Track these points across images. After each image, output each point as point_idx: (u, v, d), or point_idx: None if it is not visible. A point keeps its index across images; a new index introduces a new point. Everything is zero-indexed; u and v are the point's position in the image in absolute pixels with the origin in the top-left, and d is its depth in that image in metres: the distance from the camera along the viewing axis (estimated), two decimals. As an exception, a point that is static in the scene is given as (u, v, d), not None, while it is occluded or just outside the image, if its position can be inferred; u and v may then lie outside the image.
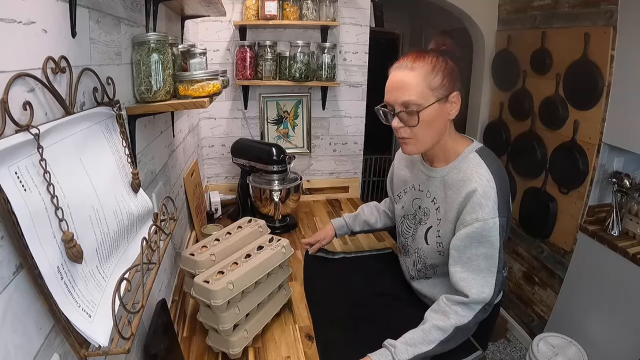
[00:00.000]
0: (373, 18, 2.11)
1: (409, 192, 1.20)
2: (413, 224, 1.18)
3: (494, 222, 0.94)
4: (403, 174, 1.24)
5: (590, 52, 1.88)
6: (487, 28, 2.59)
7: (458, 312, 0.98)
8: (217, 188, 2.09)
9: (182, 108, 0.94)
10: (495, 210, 0.94)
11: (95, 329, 0.52)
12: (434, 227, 1.09)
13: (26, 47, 0.50)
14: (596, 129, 1.88)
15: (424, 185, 1.13)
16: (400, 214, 1.24)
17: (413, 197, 1.18)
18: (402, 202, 1.23)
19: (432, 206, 1.10)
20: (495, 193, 0.95)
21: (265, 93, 2.07)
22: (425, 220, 1.12)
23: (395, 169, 1.29)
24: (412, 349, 0.96)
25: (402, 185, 1.24)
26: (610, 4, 1.78)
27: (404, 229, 1.23)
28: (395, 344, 0.98)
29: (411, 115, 0.97)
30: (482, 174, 0.97)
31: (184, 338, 1.13)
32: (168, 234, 0.83)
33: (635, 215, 1.79)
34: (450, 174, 1.05)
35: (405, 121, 0.99)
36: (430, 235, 1.10)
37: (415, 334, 0.98)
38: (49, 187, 0.48)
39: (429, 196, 1.11)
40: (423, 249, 1.13)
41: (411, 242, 1.20)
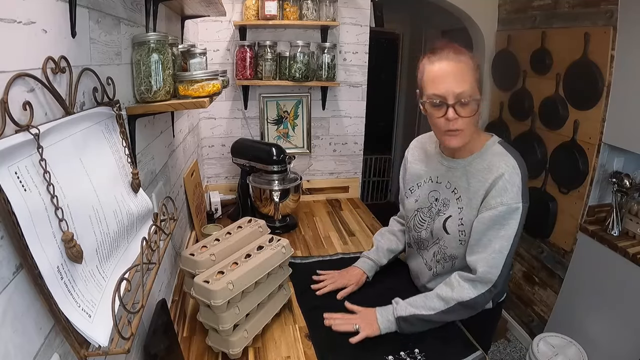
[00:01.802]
0: (373, 18, 2.11)
1: (424, 185, 1.21)
2: (428, 216, 1.19)
3: (516, 207, 1.00)
4: (417, 168, 1.25)
5: (590, 52, 1.88)
6: (487, 28, 2.59)
7: (464, 288, 1.04)
8: (217, 188, 2.08)
9: (182, 108, 0.94)
10: (519, 196, 1.00)
11: (95, 329, 0.52)
12: (455, 216, 1.10)
13: (26, 47, 0.50)
14: (596, 129, 1.88)
15: (443, 177, 1.15)
16: (413, 207, 1.24)
17: (429, 189, 1.19)
18: (415, 196, 1.24)
19: (452, 196, 1.12)
20: (520, 180, 1.01)
21: (265, 93, 2.07)
22: (444, 211, 1.13)
23: (408, 164, 1.29)
24: (412, 309, 1.07)
25: (416, 179, 1.24)
26: (610, 4, 1.78)
27: (417, 223, 1.23)
28: (399, 301, 1.10)
29: (464, 106, 0.98)
30: (507, 161, 1.03)
31: (184, 338, 1.13)
32: (168, 234, 0.83)
33: (635, 215, 1.79)
34: (473, 164, 1.08)
35: (459, 112, 0.98)
36: (450, 224, 1.11)
37: (419, 298, 1.09)
38: (49, 187, 0.48)
39: (449, 187, 1.13)
40: (444, 238, 1.13)
41: (425, 235, 1.20)
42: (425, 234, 1.20)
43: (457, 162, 1.12)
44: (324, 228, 1.87)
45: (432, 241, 1.19)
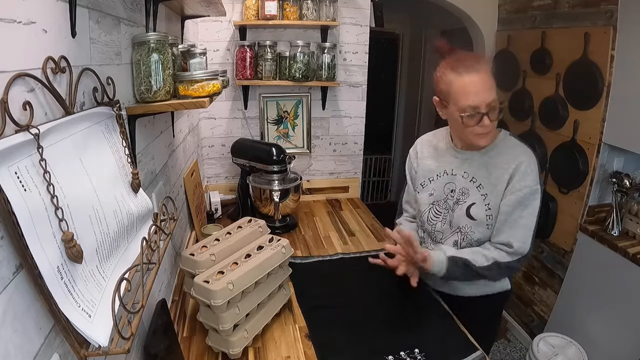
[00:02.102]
0: (373, 18, 2.11)
1: (438, 179, 1.26)
2: (444, 208, 1.24)
3: (537, 189, 1.12)
4: (427, 164, 1.29)
5: (590, 52, 1.88)
6: (487, 28, 2.59)
7: (500, 251, 1.15)
8: (217, 188, 2.08)
9: (182, 108, 0.94)
10: (537, 180, 1.13)
11: (95, 329, 0.52)
12: (479, 202, 1.17)
13: (26, 47, 0.50)
14: (596, 129, 1.88)
15: (458, 168, 1.21)
16: (427, 201, 1.28)
17: (445, 182, 1.24)
18: (428, 190, 1.28)
19: (471, 185, 1.18)
20: (536, 165, 1.14)
21: (265, 93, 2.07)
22: (464, 200, 1.19)
23: (419, 161, 1.33)
24: (458, 252, 1.15)
25: (427, 174, 1.28)
26: (610, 4, 1.78)
27: (432, 216, 1.27)
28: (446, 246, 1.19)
29: (494, 111, 1.08)
30: (524, 150, 1.16)
31: (184, 338, 1.13)
32: (168, 234, 0.83)
33: (635, 215, 1.79)
34: (490, 154, 1.17)
35: (491, 118, 1.08)
36: (475, 211, 1.17)
37: (465, 249, 1.18)
38: (49, 187, 0.48)
39: (467, 177, 1.19)
40: (468, 225, 1.19)
41: (441, 227, 1.25)
42: (441, 226, 1.25)
43: (473, 154, 1.19)
44: (324, 228, 1.87)
45: (449, 231, 1.23)
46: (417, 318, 1.21)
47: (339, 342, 1.11)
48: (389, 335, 1.13)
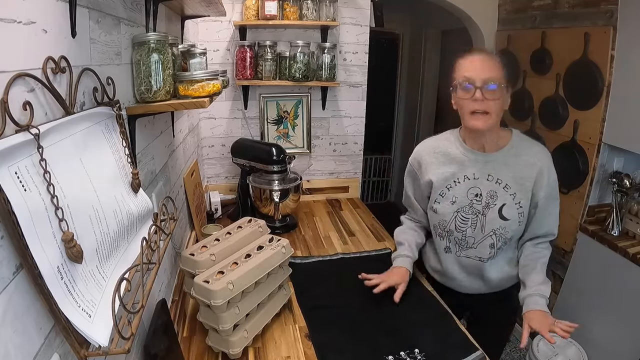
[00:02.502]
0: (373, 18, 2.11)
1: (459, 185, 1.24)
2: (471, 213, 1.23)
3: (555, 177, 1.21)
4: (443, 172, 1.26)
5: (590, 52, 1.88)
6: (487, 28, 2.58)
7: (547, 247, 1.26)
8: (217, 188, 2.08)
9: (182, 108, 0.94)
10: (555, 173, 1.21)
11: (95, 329, 0.52)
12: (509, 203, 1.19)
13: (26, 47, 0.50)
14: (596, 129, 1.88)
15: (481, 171, 1.21)
16: (450, 210, 1.25)
17: (467, 187, 1.23)
18: (449, 198, 1.25)
19: (497, 187, 1.20)
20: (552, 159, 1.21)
21: (265, 93, 2.07)
22: (494, 202, 1.20)
23: (428, 170, 1.30)
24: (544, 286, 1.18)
25: (445, 182, 1.26)
26: (610, 4, 1.78)
27: (459, 223, 1.25)
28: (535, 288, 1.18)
29: (491, 91, 1.11)
30: (541, 148, 1.23)
31: (184, 338, 1.13)
32: (168, 234, 0.83)
33: (635, 215, 1.79)
34: (511, 154, 1.20)
35: (486, 95, 1.11)
36: (507, 211, 1.19)
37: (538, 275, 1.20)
38: (49, 187, 0.48)
39: (492, 179, 1.20)
40: (502, 226, 1.21)
41: (472, 232, 1.24)
42: (471, 231, 1.24)
43: (493, 155, 1.21)
44: (324, 228, 1.87)
45: (481, 236, 1.24)
46: (418, 318, 1.21)
47: (339, 342, 1.11)
48: (389, 335, 1.13)
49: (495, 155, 1.21)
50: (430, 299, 1.31)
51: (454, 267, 1.32)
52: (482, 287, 1.32)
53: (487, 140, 1.21)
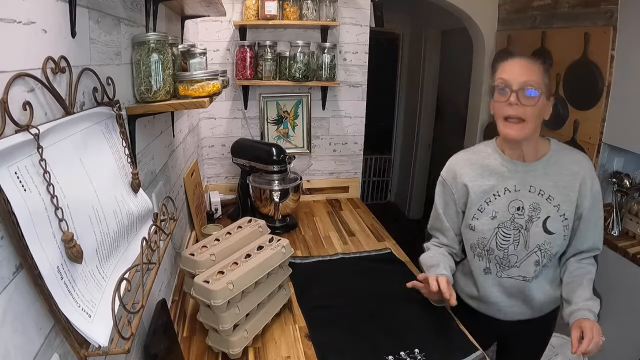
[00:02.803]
0: (373, 18, 2.11)
1: (498, 199, 1.15)
2: (513, 228, 1.13)
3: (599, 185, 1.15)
4: (481, 184, 1.17)
5: (590, 52, 1.88)
6: (487, 28, 2.59)
7: (593, 263, 1.18)
8: (217, 188, 2.08)
9: (182, 108, 0.94)
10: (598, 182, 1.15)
11: (95, 329, 0.52)
12: (554, 215, 1.11)
13: (26, 47, 0.50)
14: (596, 129, 1.88)
15: (522, 183, 1.13)
16: (491, 226, 1.15)
17: (508, 200, 1.14)
18: (489, 213, 1.16)
19: (540, 199, 1.12)
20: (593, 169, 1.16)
21: (265, 93, 2.07)
22: (537, 215, 1.12)
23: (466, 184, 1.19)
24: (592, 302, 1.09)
25: (483, 196, 1.16)
26: (610, 4, 1.78)
27: (500, 240, 1.15)
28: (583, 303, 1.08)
29: (528, 97, 1.04)
30: (582, 155, 1.17)
31: (184, 338, 1.13)
32: (168, 234, 0.83)
33: (635, 215, 1.79)
34: (551, 163, 1.14)
35: (522, 100, 1.04)
36: (552, 224, 1.12)
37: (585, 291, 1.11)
38: (48, 187, 0.48)
39: (534, 190, 1.13)
40: (547, 241, 1.13)
41: (515, 249, 1.14)
42: (514, 249, 1.14)
43: (534, 165, 1.13)
44: (324, 228, 1.87)
45: (525, 253, 1.14)
46: (417, 318, 1.21)
47: (339, 342, 1.11)
48: (389, 335, 1.13)
49: (536, 165, 1.13)
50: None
51: (493, 289, 1.20)
52: (525, 310, 1.21)
53: (525, 150, 1.13)
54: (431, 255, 1.26)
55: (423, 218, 4.22)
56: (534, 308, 1.21)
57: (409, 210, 4.28)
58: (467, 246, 1.23)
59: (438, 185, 1.28)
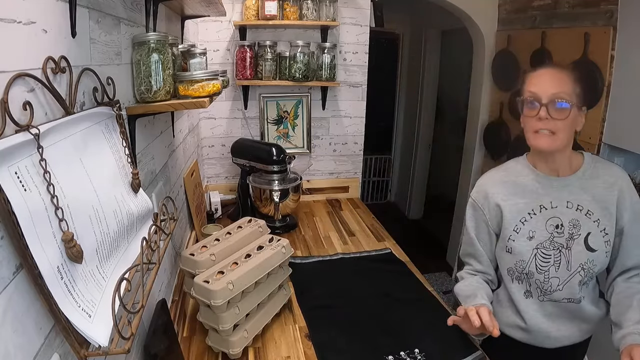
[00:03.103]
0: (373, 18, 2.11)
1: (534, 218, 1.08)
2: (553, 248, 1.06)
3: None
4: (515, 203, 1.10)
5: (590, 52, 1.88)
6: (487, 28, 2.59)
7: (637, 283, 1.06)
8: (217, 188, 2.08)
9: (182, 108, 0.94)
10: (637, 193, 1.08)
11: (95, 329, 0.52)
12: (594, 231, 1.04)
13: (26, 47, 0.50)
14: (596, 129, 1.88)
15: (559, 199, 1.06)
16: (529, 247, 1.07)
17: (545, 218, 1.07)
18: (525, 234, 1.08)
19: (579, 214, 1.05)
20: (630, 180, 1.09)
21: (265, 93, 2.07)
22: (578, 232, 1.05)
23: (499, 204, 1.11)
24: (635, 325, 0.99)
25: (518, 215, 1.09)
26: (610, 4, 1.78)
27: (540, 262, 1.07)
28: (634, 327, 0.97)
29: (558, 110, 0.99)
30: (617, 167, 1.11)
31: (184, 338, 1.13)
32: (168, 234, 0.83)
33: (635, 215, 1.79)
34: (587, 176, 1.07)
35: (552, 113, 0.99)
36: (594, 241, 1.04)
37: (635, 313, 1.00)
38: (49, 187, 0.48)
39: (571, 206, 1.06)
40: (590, 259, 1.04)
41: (558, 271, 1.06)
42: (555, 271, 1.06)
43: (569, 179, 1.07)
44: (324, 228, 1.87)
45: (567, 274, 1.05)
46: (417, 318, 1.21)
47: (339, 342, 1.11)
48: (389, 335, 1.13)
49: (571, 179, 1.07)
50: (430, 299, 1.31)
51: (536, 315, 1.10)
52: (575, 333, 1.12)
53: (559, 163, 1.07)
54: (466, 285, 1.16)
55: (423, 218, 4.22)
56: (582, 329, 1.12)
57: (409, 210, 4.28)
58: (504, 271, 1.14)
59: (468, 207, 1.19)
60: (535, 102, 1.00)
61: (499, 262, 1.15)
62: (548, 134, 1.00)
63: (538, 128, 1.01)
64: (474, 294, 1.10)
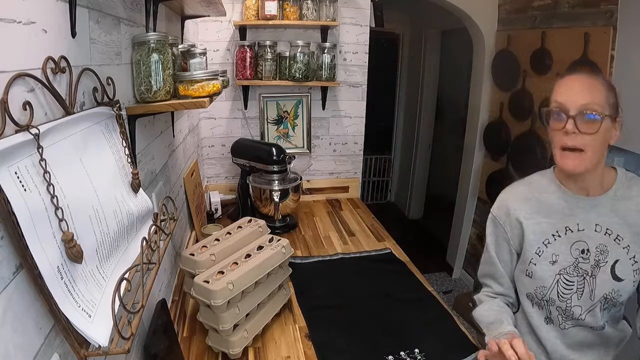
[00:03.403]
0: (373, 18, 2.11)
1: (560, 240, 0.98)
2: (577, 275, 0.97)
3: None
4: (537, 223, 1.00)
5: (590, 52, 1.88)
6: (487, 28, 2.58)
7: None
8: (217, 188, 2.09)
9: (182, 108, 0.94)
10: None
11: (95, 329, 0.52)
12: (623, 258, 0.94)
13: (26, 47, 0.50)
14: (596, 129, 1.88)
15: (586, 220, 0.97)
16: (551, 272, 0.98)
17: (570, 242, 0.97)
18: (548, 258, 0.99)
19: (607, 239, 0.95)
20: None
21: (265, 93, 2.07)
22: (605, 259, 0.95)
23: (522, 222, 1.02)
24: None
25: (541, 237, 1.00)
26: (610, 4, 1.78)
27: (563, 289, 0.98)
28: None
29: (588, 123, 0.88)
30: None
31: (184, 338, 1.13)
32: (168, 234, 0.83)
33: (635, 215, 1.79)
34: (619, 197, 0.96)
35: (580, 127, 0.88)
36: (621, 269, 0.94)
37: None
38: (48, 187, 0.48)
39: (600, 230, 0.96)
40: (615, 289, 0.95)
41: (580, 299, 0.97)
42: (577, 299, 0.97)
43: (600, 200, 0.96)
44: (324, 228, 1.87)
45: (590, 304, 0.97)
46: (417, 318, 1.21)
47: (339, 342, 1.11)
48: (389, 335, 1.13)
49: (601, 199, 0.96)
50: (430, 299, 1.31)
51: (558, 342, 1.02)
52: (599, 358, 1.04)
53: (589, 182, 0.97)
54: (487, 310, 1.06)
55: (423, 218, 4.22)
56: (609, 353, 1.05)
57: (409, 210, 4.28)
58: (522, 295, 1.05)
59: (489, 224, 1.09)
60: (562, 114, 0.90)
61: (518, 285, 1.07)
62: (576, 154, 0.90)
63: (564, 144, 0.91)
64: (498, 319, 1.01)
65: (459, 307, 2.67)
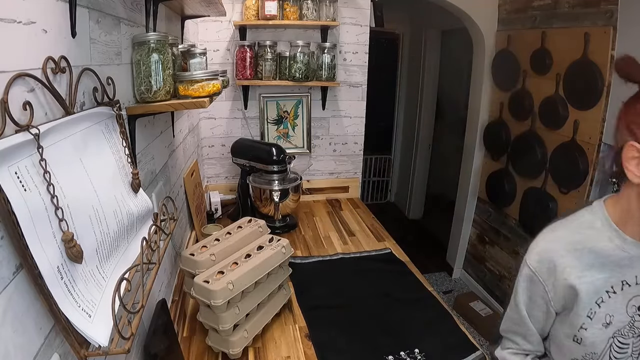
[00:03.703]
0: (373, 18, 2.11)
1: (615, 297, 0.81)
2: (632, 335, 0.81)
3: None
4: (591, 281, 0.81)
5: (590, 52, 1.88)
6: (487, 28, 2.59)
7: None
8: (217, 188, 2.09)
9: (182, 108, 0.94)
10: None
11: (95, 329, 0.52)
12: None
13: (26, 47, 0.50)
14: (596, 129, 1.88)
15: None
16: (604, 336, 0.81)
17: (627, 298, 0.80)
18: (601, 319, 0.81)
19: None
20: None
21: (265, 93, 2.07)
22: None
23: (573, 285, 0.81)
24: None
25: (595, 295, 0.81)
26: (610, 4, 1.78)
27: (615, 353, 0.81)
28: None
29: None
30: None
31: (184, 338, 1.13)
32: (168, 234, 0.83)
33: (635, 215, 1.79)
34: None
35: None
36: None
37: None
38: (49, 187, 0.48)
39: None
40: None
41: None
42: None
43: None
44: (324, 228, 1.87)
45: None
46: (417, 318, 1.21)
47: (339, 342, 1.11)
48: (389, 335, 1.13)
49: None
50: (430, 299, 1.31)
51: None
52: None
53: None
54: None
55: (423, 218, 4.22)
56: None
57: (409, 210, 4.28)
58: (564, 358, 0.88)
59: (523, 278, 0.88)
60: None
61: (559, 349, 0.88)
62: None
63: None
64: None
65: (459, 307, 2.67)
